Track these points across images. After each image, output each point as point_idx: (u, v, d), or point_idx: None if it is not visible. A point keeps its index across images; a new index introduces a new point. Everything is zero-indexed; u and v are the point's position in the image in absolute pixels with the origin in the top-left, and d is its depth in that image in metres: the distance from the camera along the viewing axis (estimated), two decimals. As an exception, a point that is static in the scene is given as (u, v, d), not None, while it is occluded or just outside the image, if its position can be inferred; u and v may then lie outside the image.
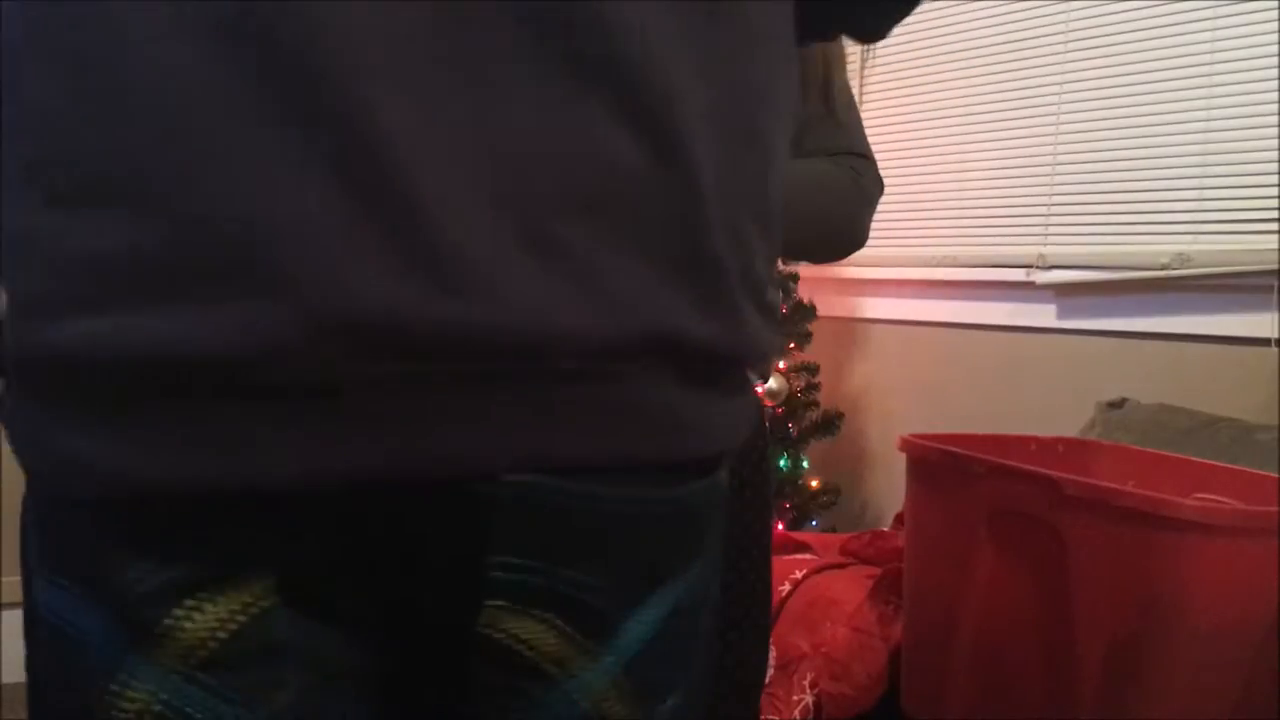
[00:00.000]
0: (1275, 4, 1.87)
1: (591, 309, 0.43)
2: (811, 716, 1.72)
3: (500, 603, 0.48)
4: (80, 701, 0.46)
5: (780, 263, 1.16)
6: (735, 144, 0.47)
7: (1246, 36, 1.93)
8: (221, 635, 0.45)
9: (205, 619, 0.45)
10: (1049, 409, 2.10)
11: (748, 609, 1.10)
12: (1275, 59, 1.87)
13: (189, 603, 0.44)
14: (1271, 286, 1.83)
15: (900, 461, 1.61)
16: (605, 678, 0.50)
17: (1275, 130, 1.87)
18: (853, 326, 2.71)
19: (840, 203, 1.07)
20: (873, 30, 0.65)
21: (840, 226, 1.10)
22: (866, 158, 1.11)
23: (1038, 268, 2.24)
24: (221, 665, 0.45)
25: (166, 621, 0.44)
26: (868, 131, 1.16)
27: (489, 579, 0.47)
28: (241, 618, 0.45)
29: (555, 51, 0.41)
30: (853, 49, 2.64)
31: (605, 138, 0.43)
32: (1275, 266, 1.82)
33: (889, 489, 2.52)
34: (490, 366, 0.42)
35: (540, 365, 0.43)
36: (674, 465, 0.49)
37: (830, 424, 2.48)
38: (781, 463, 2.43)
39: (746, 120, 0.48)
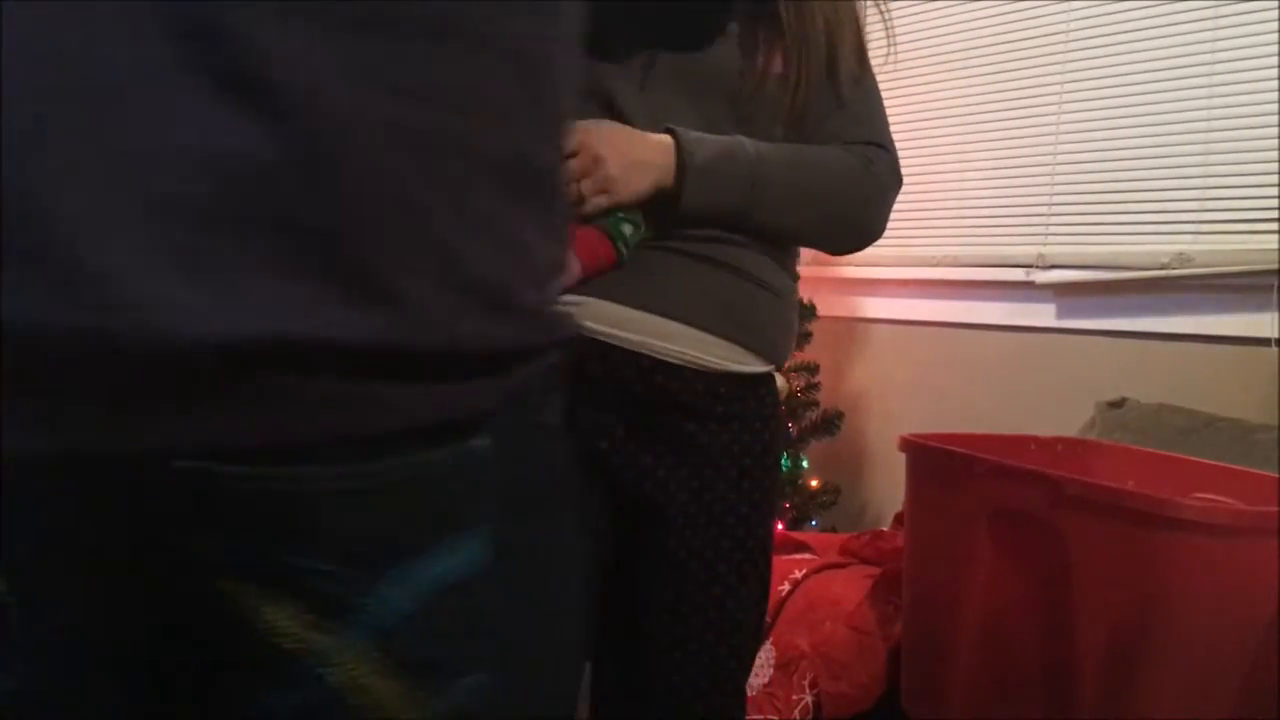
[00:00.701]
0: (1275, 4, 1.87)
1: (225, 312, 0.44)
2: (811, 716, 1.72)
3: (235, 583, 0.49)
4: None
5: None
6: (397, 141, 0.47)
7: (1247, 36, 1.93)
8: None
9: None
10: (1049, 409, 2.10)
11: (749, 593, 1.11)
12: (1276, 59, 1.87)
13: None
14: (1271, 286, 1.83)
15: (900, 461, 1.61)
16: (354, 654, 0.50)
17: (1276, 130, 1.87)
18: (853, 326, 2.71)
19: (848, 188, 1.05)
20: None
21: (847, 214, 1.07)
22: (884, 147, 1.09)
23: (1038, 268, 2.24)
24: None
25: None
26: None
27: (217, 561, 0.48)
28: None
29: (188, 57, 0.43)
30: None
31: (237, 140, 0.44)
32: (1275, 266, 1.82)
33: (889, 489, 2.52)
34: (138, 373, 0.44)
35: (186, 369, 0.45)
36: (373, 440, 0.49)
37: (830, 424, 2.48)
38: (781, 463, 2.43)
39: (415, 120, 0.48)
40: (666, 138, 0.97)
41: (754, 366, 1.06)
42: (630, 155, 0.95)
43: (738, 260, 1.03)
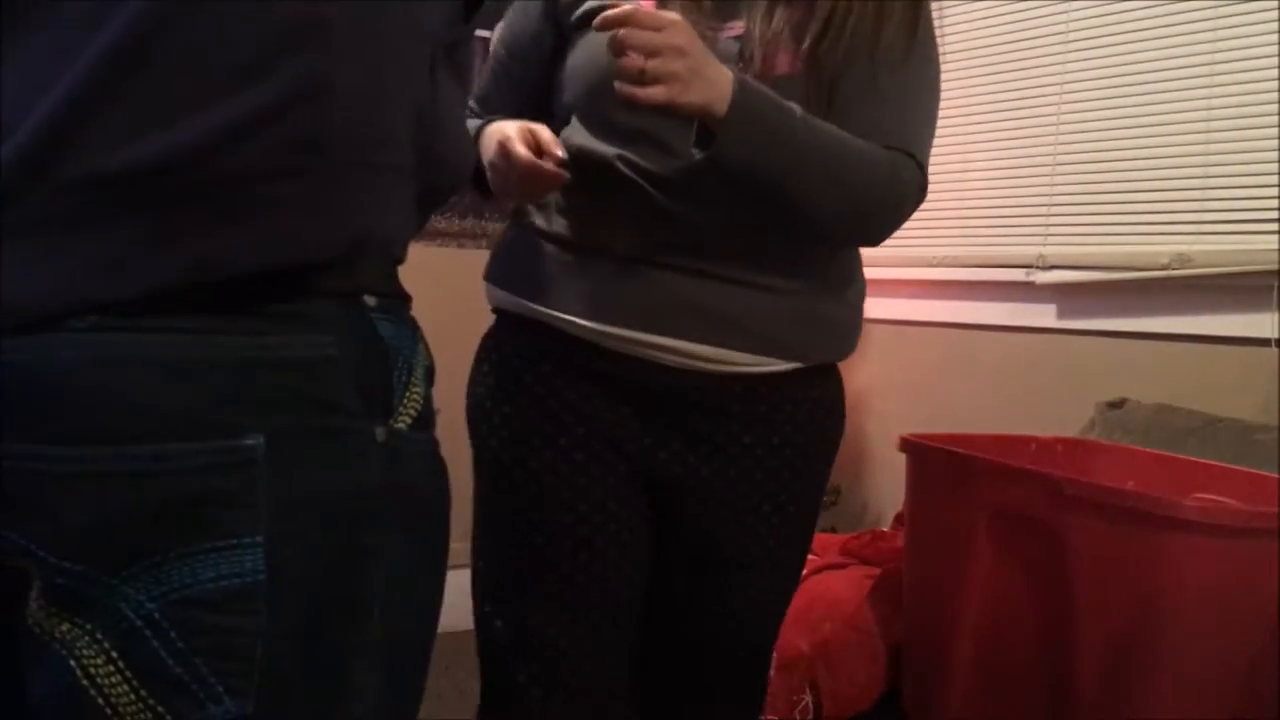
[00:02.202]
0: (1275, 4, 1.87)
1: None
2: (811, 716, 1.72)
3: (8, 559, 0.47)
4: None
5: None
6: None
7: (1247, 37, 1.92)
8: None
9: None
10: (1049, 409, 2.10)
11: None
12: (1276, 59, 1.87)
13: None
14: (1271, 286, 1.83)
15: (900, 461, 1.61)
16: (94, 651, 0.47)
17: (1276, 130, 1.87)
18: (853, 326, 2.70)
19: (875, 187, 1.02)
20: None
21: (866, 212, 1.04)
22: (916, 161, 1.06)
23: (1038, 268, 2.24)
24: None
25: None
26: None
27: None
28: None
29: None
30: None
31: None
32: (1275, 266, 1.82)
33: (889, 489, 2.52)
34: None
35: None
36: (110, 425, 0.46)
37: (830, 424, 2.48)
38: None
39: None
40: (728, 70, 0.93)
41: (765, 367, 1.06)
42: (703, 64, 0.90)
43: (735, 271, 1.03)
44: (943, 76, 1.18)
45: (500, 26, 1.16)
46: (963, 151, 2.45)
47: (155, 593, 0.47)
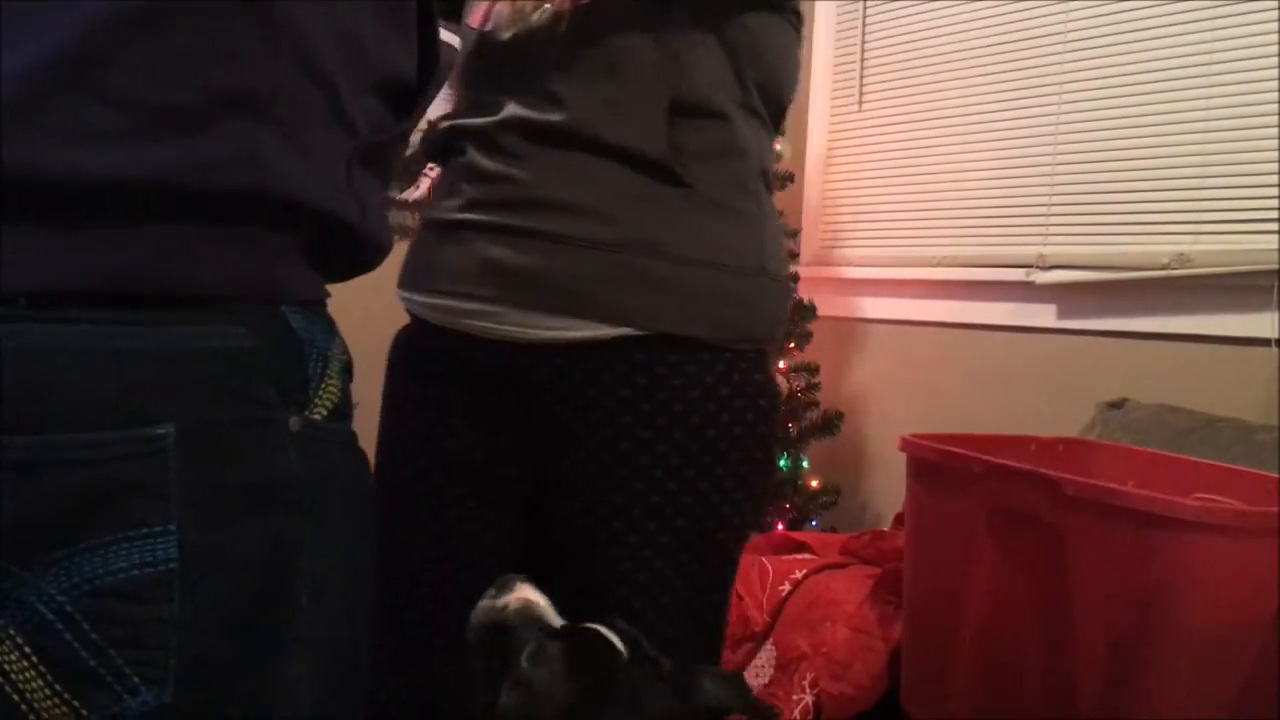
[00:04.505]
0: (1275, 4, 1.87)
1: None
2: (811, 716, 1.72)
3: None
4: None
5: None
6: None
7: (1246, 37, 1.93)
8: None
9: None
10: (1049, 409, 2.10)
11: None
12: (1275, 59, 1.87)
13: None
14: (1271, 286, 1.83)
15: (900, 461, 1.61)
16: (7, 650, 0.47)
17: (1275, 130, 1.87)
18: (853, 326, 2.71)
19: None
20: None
21: None
22: None
23: (1038, 268, 2.24)
24: None
25: None
26: (868, 130, 1.11)
27: None
28: None
29: None
30: (852, 47, 2.65)
31: None
32: (1275, 266, 1.82)
33: (889, 489, 2.52)
34: None
35: None
36: (25, 412, 0.46)
37: (830, 424, 2.48)
38: (781, 463, 2.43)
39: None
40: None
41: (576, 331, 0.93)
42: None
43: (542, 224, 0.93)
44: (943, 76, 1.17)
45: None
46: (962, 151, 2.45)
47: (66, 585, 0.47)
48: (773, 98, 1.02)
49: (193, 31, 0.50)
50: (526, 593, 0.84)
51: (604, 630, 0.82)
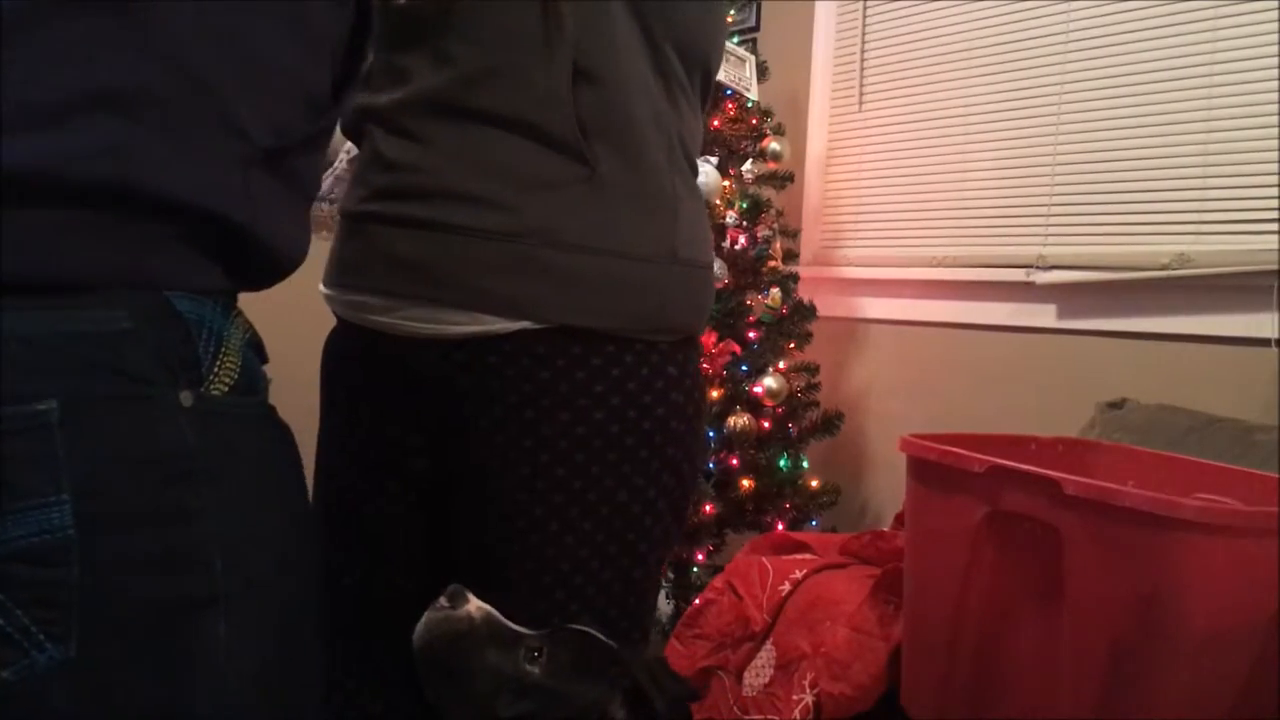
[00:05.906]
0: (1275, 4, 1.87)
1: None
2: (811, 716, 1.72)
3: None
4: None
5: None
6: None
7: (1247, 37, 1.93)
8: None
9: None
10: (1049, 409, 2.10)
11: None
12: (1275, 59, 1.87)
13: None
14: (1271, 286, 1.83)
15: (900, 461, 1.61)
16: None
17: (1275, 130, 1.87)
18: (853, 326, 2.71)
19: None
20: None
21: None
22: None
23: (1038, 268, 2.24)
24: None
25: None
26: (868, 131, 1.10)
27: None
28: None
29: None
30: (852, 47, 2.65)
31: None
32: (1275, 266, 1.82)
33: (889, 489, 2.52)
34: None
35: None
36: None
37: (830, 424, 2.48)
38: (782, 463, 2.43)
39: None
40: None
41: (476, 325, 0.90)
42: None
43: (441, 214, 0.90)
44: (943, 76, 1.16)
45: None
46: (963, 151, 2.45)
47: None
48: (692, 60, 0.95)
49: (65, 32, 0.55)
50: (479, 602, 0.83)
51: (590, 630, 0.83)
